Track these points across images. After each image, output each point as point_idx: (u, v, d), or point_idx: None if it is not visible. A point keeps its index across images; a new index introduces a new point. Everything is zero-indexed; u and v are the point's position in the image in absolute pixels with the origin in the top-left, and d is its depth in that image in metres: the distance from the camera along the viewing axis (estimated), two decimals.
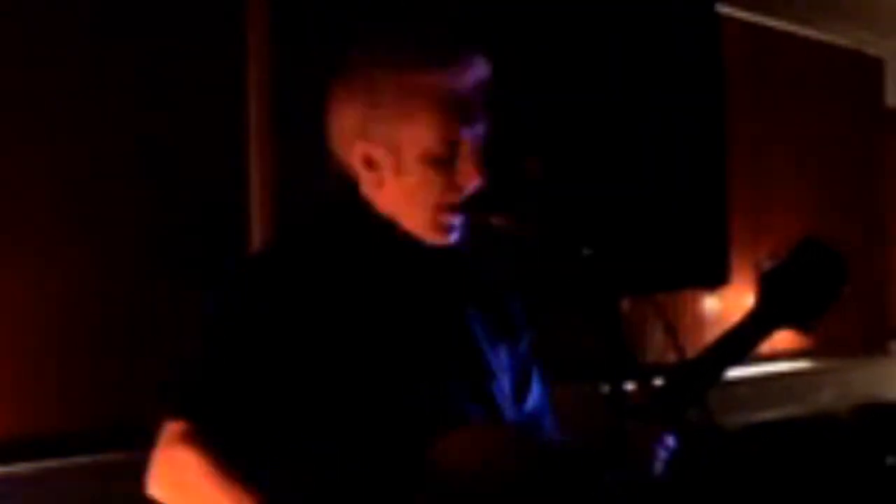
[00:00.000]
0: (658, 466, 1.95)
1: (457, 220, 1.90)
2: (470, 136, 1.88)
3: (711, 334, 2.05)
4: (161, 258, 3.26)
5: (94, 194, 3.15)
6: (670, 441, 1.96)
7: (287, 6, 3.54)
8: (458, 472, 1.82)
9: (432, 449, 1.81)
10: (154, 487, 1.77)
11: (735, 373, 5.44)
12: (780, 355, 5.65)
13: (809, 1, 5.74)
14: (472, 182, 1.88)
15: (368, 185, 1.91)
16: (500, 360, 1.99)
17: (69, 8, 3.12)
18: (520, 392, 2.03)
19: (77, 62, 3.13)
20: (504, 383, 1.98)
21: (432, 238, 1.91)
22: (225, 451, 1.73)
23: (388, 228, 1.91)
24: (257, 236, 3.45)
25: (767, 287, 2.00)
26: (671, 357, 2.00)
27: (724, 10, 4.58)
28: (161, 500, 1.77)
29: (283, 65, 3.52)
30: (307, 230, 1.99)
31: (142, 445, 1.82)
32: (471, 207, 1.89)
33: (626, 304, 3.17)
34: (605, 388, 1.93)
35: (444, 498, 1.80)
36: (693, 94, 3.39)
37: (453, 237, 1.91)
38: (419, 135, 1.86)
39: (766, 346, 5.71)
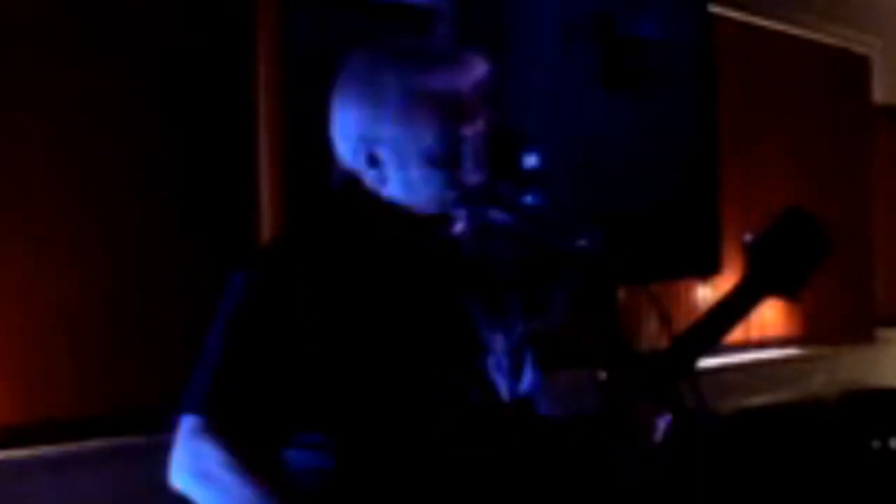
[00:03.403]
0: (656, 441, 1.96)
1: (460, 212, 1.91)
2: (471, 135, 1.89)
3: None
4: (173, 250, 3.27)
5: (107, 188, 3.16)
6: (667, 415, 1.96)
7: (296, 5, 3.54)
8: (461, 450, 1.83)
9: (434, 429, 1.82)
10: (177, 478, 1.78)
11: (727, 359, 5.45)
12: (771, 343, 5.65)
13: (799, 1, 5.74)
14: (473, 178, 1.89)
15: (372, 182, 1.91)
16: (497, 342, 1.99)
17: (79, 8, 3.12)
18: (515, 374, 2.04)
19: (87, 62, 3.13)
20: (501, 365, 1.99)
21: (437, 230, 1.92)
22: (245, 443, 1.74)
23: (391, 220, 1.92)
24: (267, 229, 3.45)
25: (752, 257, 1.98)
26: (666, 344, 2.00)
27: (716, 9, 4.58)
28: (184, 490, 1.77)
29: (292, 63, 3.52)
30: (314, 225, 2.00)
31: (156, 429, 1.83)
32: (470, 201, 1.90)
33: (622, 294, 3.18)
34: (602, 375, 1.93)
35: (448, 477, 1.81)
36: (686, 91, 3.39)
37: (457, 228, 1.92)
38: (422, 134, 1.87)
39: (757, 334, 5.71)
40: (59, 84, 3.08)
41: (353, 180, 1.94)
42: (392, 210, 1.92)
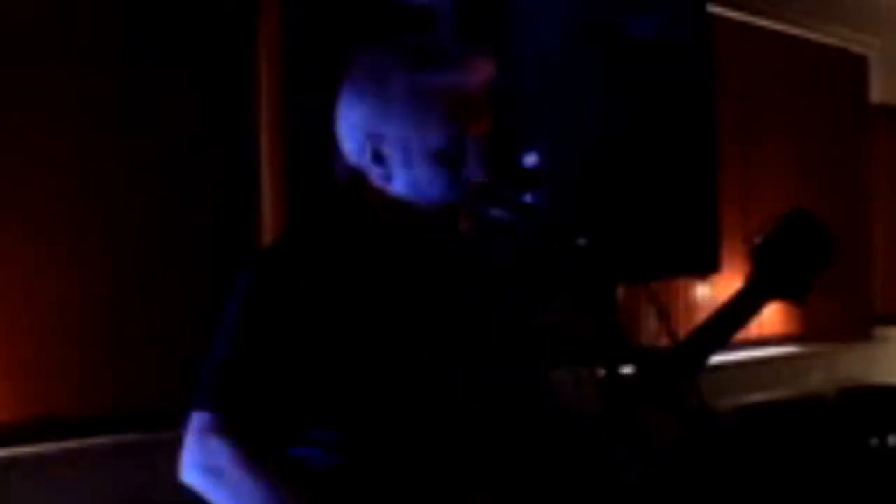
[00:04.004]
0: (658, 441, 1.96)
1: (463, 211, 1.91)
2: (476, 133, 1.90)
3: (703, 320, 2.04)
4: (175, 249, 3.27)
5: (109, 188, 3.16)
6: (669, 416, 1.96)
7: (298, 5, 3.54)
8: (464, 448, 1.83)
9: (437, 426, 1.82)
10: (189, 475, 1.78)
11: (726, 357, 5.45)
12: (770, 340, 5.65)
13: (798, 2, 5.74)
14: (477, 176, 1.90)
15: (377, 179, 1.92)
16: (500, 341, 2.00)
17: (81, 8, 3.12)
18: (518, 369, 2.04)
19: (88, 62, 3.13)
20: (504, 363, 1.99)
21: (440, 227, 1.92)
22: (255, 440, 1.75)
23: (394, 219, 1.92)
24: (268, 228, 3.45)
25: (758, 261, 1.99)
26: (664, 342, 2.00)
27: (715, 9, 4.58)
28: (196, 487, 1.78)
29: (294, 63, 3.52)
30: (319, 222, 2.00)
31: (158, 427, 1.83)
32: (473, 199, 1.90)
33: (621, 292, 3.17)
34: (601, 372, 1.93)
35: (451, 475, 1.81)
36: (685, 90, 3.38)
37: (460, 227, 1.92)
38: (429, 132, 1.88)
39: (756, 332, 5.70)
40: (60, 84, 3.08)
41: (357, 178, 1.94)
42: (395, 208, 1.92)
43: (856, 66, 6.30)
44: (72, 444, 3.05)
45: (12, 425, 2.97)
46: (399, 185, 1.91)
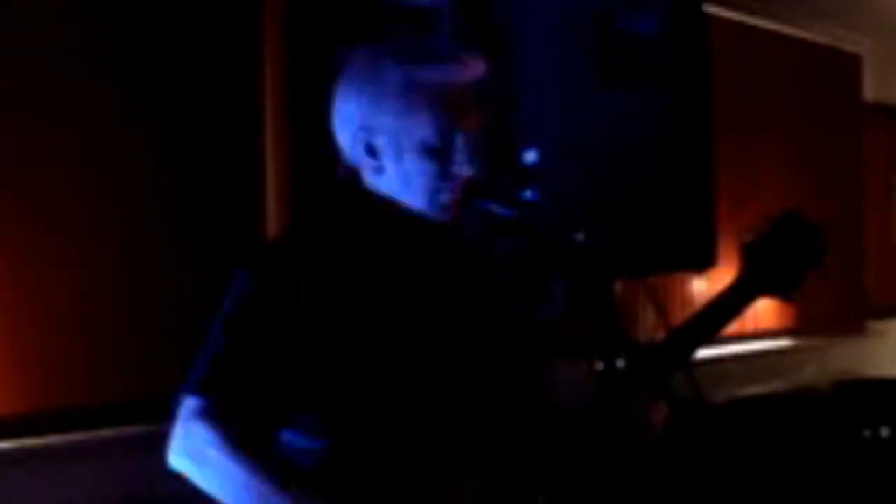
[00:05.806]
0: (653, 429, 1.96)
1: (451, 199, 1.91)
2: (465, 129, 1.90)
3: None
4: (182, 245, 3.27)
5: (116, 184, 3.16)
6: (662, 405, 1.97)
7: (301, 4, 3.54)
8: (452, 438, 1.83)
9: (427, 417, 1.82)
10: (174, 459, 1.79)
11: (721, 350, 5.44)
12: (764, 334, 5.65)
13: (792, 1, 5.73)
14: (466, 171, 1.90)
15: (369, 171, 1.92)
16: (497, 333, 1.99)
17: (92, 7, 3.12)
18: (516, 364, 2.04)
19: (98, 61, 3.13)
20: (501, 355, 1.99)
21: (430, 216, 1.93)
22: (238, 424, 1.75)
23: (389, 214, 1.92)
24: (273, 226, 3.45)
25: (749, 258, 2.02)
26: (661, 336, 2.00)
27: (711, 9, 4.57)
28: (181, 470, 1.79)
29: (298, 62, 3.52)
30: (317, 220, 2.00)
31: (164, 419, 1.83)
32: (472, 195, 1.91)
33: (619, 287, 3.17)
34: (600, 365, 1.93)
35: (438, 464, 1.82)
36: (682, 88, 3.38)
37: (449, 215, 1.92)
38: (419, 125, 1.89)
39: (750, 325, 5.69)
40: (66, 82, 3.08)
41: (353, 177, 1.94)
42: (393, 205, 1.92)
43: (849, 65, 6.30)
44: (78, 436, 3.05)
45: (18, 417, 2.97)
46: (390, 179, 1.91)
